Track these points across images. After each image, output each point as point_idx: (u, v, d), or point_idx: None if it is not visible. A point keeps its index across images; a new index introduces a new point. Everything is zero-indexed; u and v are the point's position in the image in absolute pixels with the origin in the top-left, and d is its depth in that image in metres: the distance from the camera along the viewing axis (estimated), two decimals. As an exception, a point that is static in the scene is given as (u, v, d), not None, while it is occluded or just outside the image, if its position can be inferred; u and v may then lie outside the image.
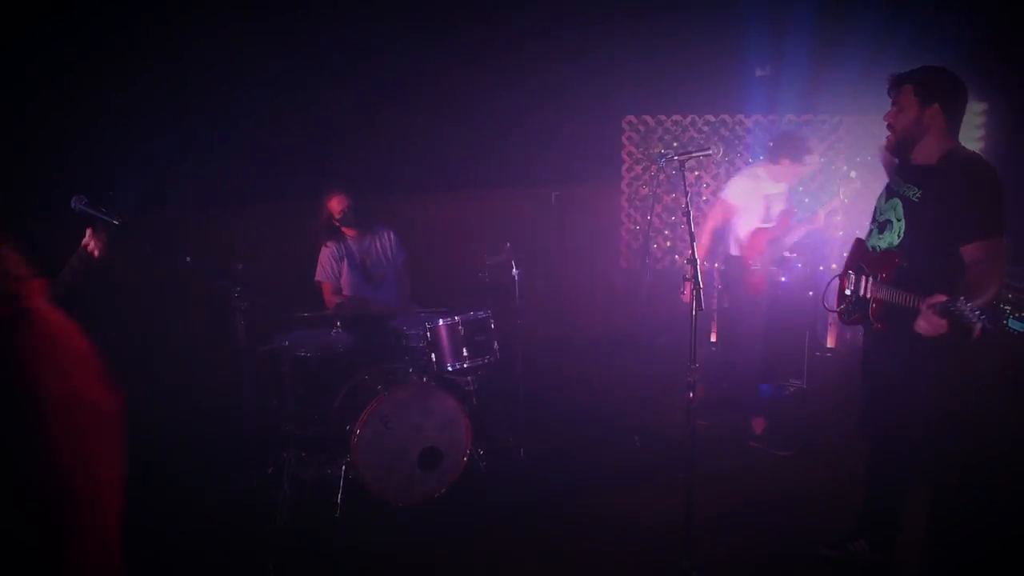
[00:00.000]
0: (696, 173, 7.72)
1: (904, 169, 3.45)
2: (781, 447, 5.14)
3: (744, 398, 5.41)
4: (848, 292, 3.59)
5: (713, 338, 7.04)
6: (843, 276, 3.68)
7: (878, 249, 3.45)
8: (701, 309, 3.50)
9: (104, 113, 5.34)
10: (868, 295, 3.41)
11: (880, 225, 3.48)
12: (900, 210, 3.36)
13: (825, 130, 7.38)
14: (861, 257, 3.56)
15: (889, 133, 3.42)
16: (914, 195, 3.32)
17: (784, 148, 5.06)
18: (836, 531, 3.86)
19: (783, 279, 6.15)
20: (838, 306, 3.68)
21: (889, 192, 3.49)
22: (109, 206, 3.78)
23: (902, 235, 3.35)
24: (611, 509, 4.43)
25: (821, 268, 7.03)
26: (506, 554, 4.01)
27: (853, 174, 7.08)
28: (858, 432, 3.84)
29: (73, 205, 3.79)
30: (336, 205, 5.35)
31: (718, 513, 4.24)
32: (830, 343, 7.33)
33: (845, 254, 3.78)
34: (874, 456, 3.75)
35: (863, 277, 3.47)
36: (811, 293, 6.15)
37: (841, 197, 5.45)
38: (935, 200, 3.23)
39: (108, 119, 5.36)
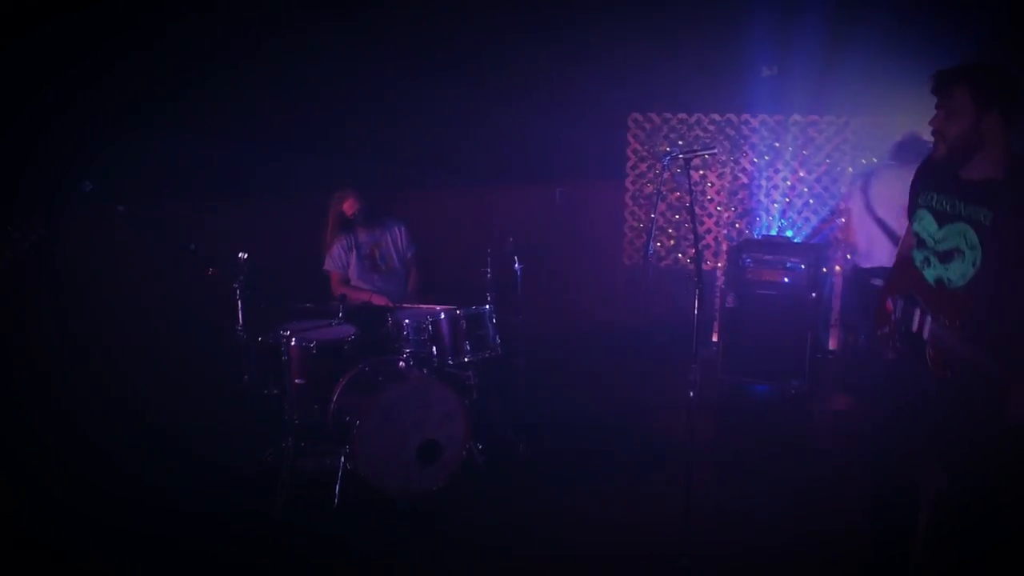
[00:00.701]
0: (701, 172, 7.72)
1: (954, 185, 2.90)
2: None
3: None
4: (895, 317, 3.08)
5: (715, 337, 7.03)
6: (885, 294, 3.19)
7: (946, 283, 2.89)
8: (703, 307, 3.49)
9: (108, 102, 5.33)
10: (926, 336, 2.89)
11: (942, 255, 2.90)
12: (973, 237, 2.79)
13: (832, 131, 7.35)
14: (914, 285, 3.01)
15: (938, 143, 2.86)
16: (985, 219, 2.77)
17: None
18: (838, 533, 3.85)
19: (786, 280, 6.15)
20: (878, 328, 3.16)
21: (941, 216, 2.93)
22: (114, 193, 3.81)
23: (978, 266, 2.79)
24: (610, 505, 4.42)
25: (824, 270, 7.02)
26: (504, 548, 4.01)
27: (850, 170, 7.23)
28: (861, 459, 3.54)
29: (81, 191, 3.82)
30: (349, 208, 5.40)
31: (717, 510, 4.24)
32: (832, 345, 7.32)
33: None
34: (883, 504, 3.31)
35: (916, 311, 2.95)
36: (813, 295, 6.14)
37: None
38: (1012, 224, 2.71)
39: (112, 108, 5.35)
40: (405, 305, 5.28)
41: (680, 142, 7.73)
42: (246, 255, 4.44)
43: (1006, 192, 2.76)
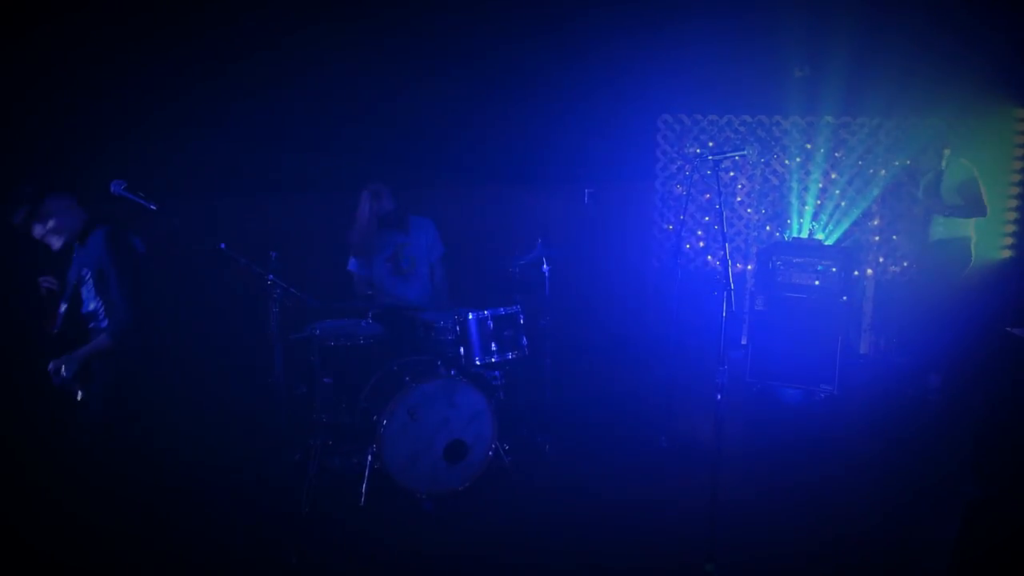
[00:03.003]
0: (731, 173, 7.67)
1: None
2: None
3: None
4: None
5: (744, 340, 6.99)
6: None
7: None
8: (732, 310, 3.47)
9: (141, 99, 5.40)
10: None
11: None
12: None
13: (864, 133, 7.27)
14: None
15: None
16: None
17: None
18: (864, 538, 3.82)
19: (817, 283, 6.11)
20: None
21: None
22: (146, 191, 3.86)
23: None
24: (635, 508, 4.41)
25: (856, 273, 6.95)
26: (528, 549, 4.01)
27: (883, 172, 7.12)
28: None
29: (113, 189, 3.88)
30: (378, 203, 5.32)
31: (743, 515, 4.21)
32: (863, 349, 7.25)
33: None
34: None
35: None
36: (845, 298, 6.08)
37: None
38: None
39: (145, 105, 5.42)
40: (432, 307, 5.29)
41: (710, 143, 7.70)
42: (276, 254, 4.47)
43: None
